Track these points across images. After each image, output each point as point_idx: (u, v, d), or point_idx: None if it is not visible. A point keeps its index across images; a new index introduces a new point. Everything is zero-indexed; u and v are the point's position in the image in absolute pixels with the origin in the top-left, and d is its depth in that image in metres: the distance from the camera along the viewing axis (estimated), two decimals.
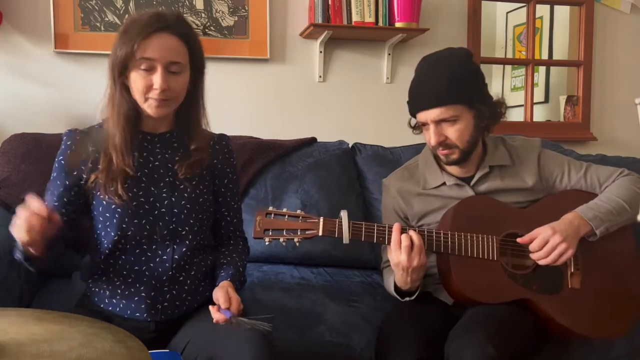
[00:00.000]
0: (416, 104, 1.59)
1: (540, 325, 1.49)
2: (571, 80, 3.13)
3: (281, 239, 1.42)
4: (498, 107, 1.61)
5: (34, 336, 0.85)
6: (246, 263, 1.47)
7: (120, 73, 1.28)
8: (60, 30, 2.31)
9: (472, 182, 1.63)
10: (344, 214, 1.44)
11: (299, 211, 1.46)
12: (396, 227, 1.44)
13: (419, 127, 1.65)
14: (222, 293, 1.24)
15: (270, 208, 1.46)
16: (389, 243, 1.45)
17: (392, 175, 1.75)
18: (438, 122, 1.54)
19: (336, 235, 1.44)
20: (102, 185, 1.30)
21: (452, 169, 1.65)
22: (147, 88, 1.28)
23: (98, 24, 2.34)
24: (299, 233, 1.43)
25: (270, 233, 1.42)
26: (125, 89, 1.31)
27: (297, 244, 1.43)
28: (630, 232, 1.61)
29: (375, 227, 1.46)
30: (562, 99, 3.08)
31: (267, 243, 1.43)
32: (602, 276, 1.55)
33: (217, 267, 1.41)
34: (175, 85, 1.30)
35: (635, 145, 2.76)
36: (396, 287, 1.54)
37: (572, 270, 1.53)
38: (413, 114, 1.62)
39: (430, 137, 1.57)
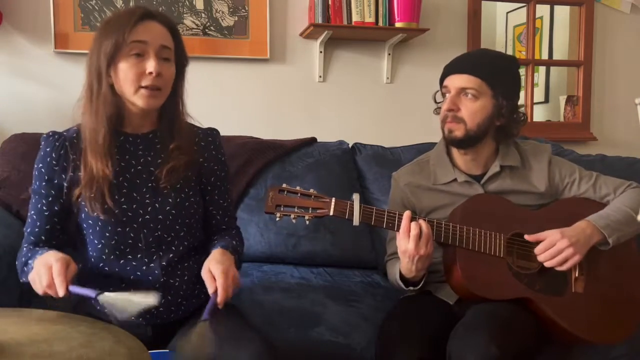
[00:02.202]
0: (448, 68, 1.63)
1: (542, 327, 1.49)
2: (571, 80, 3.13)
3: (292, 216, 1.42)
4: (518, 114, 1.63)
5: (34, 336, 0.85)
6: (241, 245, 1.44)
7: (108, 66, 1.24)
8: (60, 30, 2.31)
9: (483, 181, 1.63)
10: (355, 197, 1.44)
11: (311, 190, 1.45)
12: (406, 215, 1.45)
13: (440, 102, 1.67)
14: (204, 272, 1.23)
15: (284, 185, 1.45)
16: (397, 229, 1.45)
17: (403, 169, 1.76)
18: (459, 92, 1.57)
19: (346, 217, 1.43)
20: (88, 201, 1.25)
21: (464, 166, 1.65)
22: (139, 75, 1.23)
23: (98, 24, 2.33)
24: (310, 211, 1.43)
25: (282, 209, 1.42)
26: (110, 87, 1.26)
27: (307, 222, 1.44)
28: (634, 240, 1.62)
29: (386, 213, 1.47)
30: (562, 99, 3.08)
31: (277, 219, 1.43)
32: (606, 283, 1.55)
33: (209, 248, 1.37)
34: (167, 72, 1.27)
35: (635, 145, 2.75)
36: (401, 276, 1.54)
37: (577, 275, 1.53)
38: (442, 79, 1.65)
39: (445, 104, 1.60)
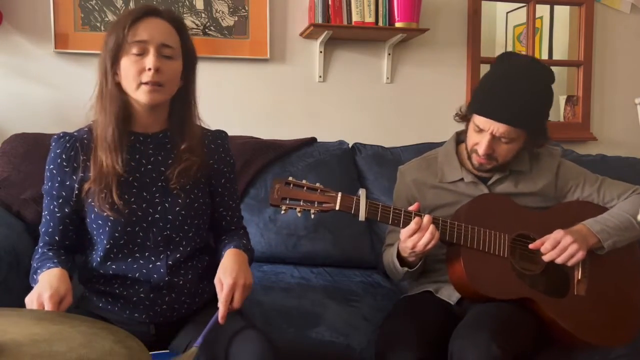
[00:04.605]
0: (486, 107, 1.53)
1: (543, 328, 1.49)
2: (571, 80, 3.13)
3: (297, 209, 1.41)
4: (545, 140, 1.64)
5: (34, 336, 0.85)
6: (250, 243, 1.43)
7: (112, 64, 1.24)
8: (60, 30, 2.31)
9: (489, 182, 1.64)
10: (362, 192, 1.44)
11: (317, 184, 1.44)
12: (427, 218, 1.45)
13: (466, 119, 1.63)
14: (217, 281, 1.23)
15: (290, 178, 1.44)
16: (403, 226, 1.45)
17: (410, 164, 1.76)
18: (496, 137, 1.53)
19: (352, 212, 1.43)
20: (97, 196, 1.26)
21: (472, 167, 1.66)
22: (139, 71, 1.23)
23: (98, 24, 2.34)
24: (316, 205, 1.42)
25: (288, 202, 1.41)
26: (116, 85, 1.26)
27: (312, 216, 1.43)
28: (637, 244, 1.62)
29: (392, 209, 1.47)
30: (562, 99, 3.08)
31: (282, 212, 1.42)
32: (608, 286, 1.55)
33: (221, 249, 1.38)
34: (168, 69, 1.25)
35: (635, 145, 2.75)
36: (399, 258, 1.56)
37: (579, 278, 1.53)
38: (475, 112, 1.56)
39: (480, 142, 1.55)
